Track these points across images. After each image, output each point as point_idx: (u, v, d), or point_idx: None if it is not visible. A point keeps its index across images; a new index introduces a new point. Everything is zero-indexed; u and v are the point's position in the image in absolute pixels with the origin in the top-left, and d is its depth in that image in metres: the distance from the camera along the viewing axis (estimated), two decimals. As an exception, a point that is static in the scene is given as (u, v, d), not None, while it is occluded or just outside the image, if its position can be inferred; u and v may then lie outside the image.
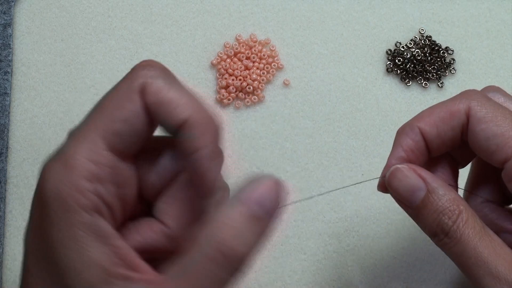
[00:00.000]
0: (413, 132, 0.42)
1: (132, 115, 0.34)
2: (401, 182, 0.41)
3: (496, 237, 0.40)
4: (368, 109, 0.59)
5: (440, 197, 0.40)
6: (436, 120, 0.41)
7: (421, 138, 0.42)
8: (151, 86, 0.34)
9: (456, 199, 0.40)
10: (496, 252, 0.39)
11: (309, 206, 0.57)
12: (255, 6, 0.62)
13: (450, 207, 0.40)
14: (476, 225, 0.40)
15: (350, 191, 0.57)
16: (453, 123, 0.41)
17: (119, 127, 0.34)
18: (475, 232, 0.39)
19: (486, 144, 0.40)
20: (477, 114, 0.40)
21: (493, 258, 0.38)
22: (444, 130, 0.41)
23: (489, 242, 0.39)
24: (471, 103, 0.41)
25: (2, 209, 0.56)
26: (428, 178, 0.41)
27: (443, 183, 0.41)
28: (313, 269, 0.55)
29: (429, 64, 0.60)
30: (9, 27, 0.59)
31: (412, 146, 0.42)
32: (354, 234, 0.56)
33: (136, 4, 0.61)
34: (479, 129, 0.40)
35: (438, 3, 0.62)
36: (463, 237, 0.39)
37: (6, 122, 0.57)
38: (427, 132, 0.42)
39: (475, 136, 0.40)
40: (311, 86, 0.60)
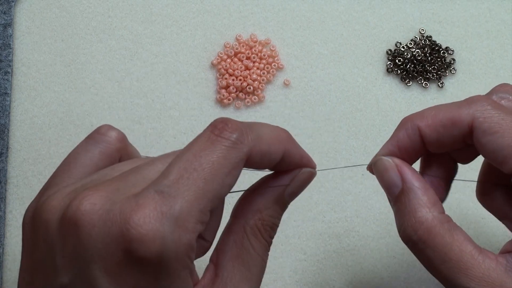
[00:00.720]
0: (412, 131, 0.42)
1: (236, 179, 0.36)
2: (381, 174, 0.42)
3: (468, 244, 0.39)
4: (368, 109, 0.59)
5: (410, 199, 0.40)
6: (438, 126, 0.41)
7: (419, 139, 0.42)
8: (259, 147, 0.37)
9: (426, 205, 0.40)
10: (466, 265, 0.38)
11: (309, 206, 0.57)
12: (255, 6, 0.62)
13: (415, 214, 0.40)
14: (445, 233, 0.39)
15: (350, 191, 0.57)
16: (454, 132, 0.41)
17: (226, 191, 0.36)
18: (444, 242, 0.39)
19: (493, 156, 0.39)
20: (482, 125, 0.39)
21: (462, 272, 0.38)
22: (445, 136, 0.41)
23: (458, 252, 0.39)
24: (476, 114, 0.40)
25: (2, 209, 0.56)
26: (407, 177, 0.41)
27: (423, 185, 0.41)
28: (313, 269, 0.55)
29: (429, 64, 0.60)
30: (9, 27, 0.59)
31: (407, 144, 0.42)
32: (354, 234, 0.56)
33: (136, 4, 0.61)
34: (485, 141, 0.39)
35: (438, 3, 0.62)
36: (427, 251, 0.39)
37: (6, 122, 0.57)
38: (427, 134, 0.41)
39: (481, 147, 0.40)
40: (311, 86, 0.60)
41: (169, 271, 0.34)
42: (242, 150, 0.36)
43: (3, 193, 0.56)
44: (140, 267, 0.33)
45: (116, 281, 0.34)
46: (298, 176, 0.41)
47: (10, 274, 0.55)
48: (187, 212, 0.34)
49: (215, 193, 0.35)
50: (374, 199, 0.57)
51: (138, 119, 0.59)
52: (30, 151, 0.57)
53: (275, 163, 0.39)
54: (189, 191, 0.34)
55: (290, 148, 0.39)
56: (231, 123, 0.36)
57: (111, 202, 0.34)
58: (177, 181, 0.34)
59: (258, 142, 0.37)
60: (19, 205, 0.56)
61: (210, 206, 0.35)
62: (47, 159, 0.57)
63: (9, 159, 0.57)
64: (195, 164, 0.35)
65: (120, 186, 0.36)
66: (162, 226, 0.33)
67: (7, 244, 0.55)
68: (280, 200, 0.40)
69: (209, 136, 0.36)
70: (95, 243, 0.34)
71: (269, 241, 0.40)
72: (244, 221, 0.39)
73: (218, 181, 0.35)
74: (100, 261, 0.33)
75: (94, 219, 0.34)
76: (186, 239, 0.34)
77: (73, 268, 0.34)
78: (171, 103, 0.59)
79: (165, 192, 0.34)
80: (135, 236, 0.33)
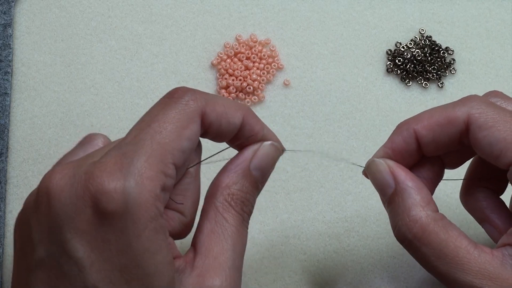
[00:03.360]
0: (408, 134, 0.42)
1: (195, 134, 0.38)
2: (374, 175, 0.43)
3: (462, 239, 0.40)
4: (368, 109, 0.59)
5: (404, 199, 0.41)
6: (434, 126, 0.41)
7: (414, 141, 0.42)
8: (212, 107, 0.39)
9: (420, 204, 0.41)
10: (462, 260, 0.39)
11: (309, 206, 0.57)
12: (255, 6, 0.62)
13: (409, 213, 0.40)
14: (439, 230, 0.40)
15: (350, 191, 0.57)
16: (451, 130, 0.41)
17: (186, 145, 0.37)
18: (439, 239, 0.40)
19: (489, 150, 0.40)
20: (478, 121, 0.40)
21: (459, 268, 0.39)
22: (441, 136, 0.41)
23: (454, 248, 0.39)
24: (471, 111, 0.41)
25: (2, 209, 0.56)
26: (400, 178, 0.42)
27: (416, 185, 0.41)
28: (313, 269, 0.55)
29: (429, 64, 0.60)
30: (9, 27, 0.59)
31: (402, 148, 0.42)
32: (354, 234, 0.56)
33: (136, 4, 0.61)
34: (481, 136, 0.40)
35: (438, 3, 0.62)
36: (423, 248, 0.40)
37: (6, 122, 0.57)
38: (423, 136, 0.42)
39: (478, 142, 0.40)
40: (311, 86, 0.60)
41: (135, 221, 0.34)
42: (195, 106, 0.38)
43: (3, 193, 0.56)
44: (107, 221, 0.34)
45: (86, 240, 0.34)
46: (261, 149, 0.41)
47: (10, 274, 0.55)
48: (146, 162, 0.35)
49: (174, 145, 0.36)
50: (374, 199, 0.57)
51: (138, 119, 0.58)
52: (30, 151, 0.57)
53: (235, 132, 0.40)
54: (146, 144, 0.36)
55: (249, 117, 0.40)
56: (182, 88, 0.39)
57: (78, 167, 0.36)
58: (135, 137, 0.36)
59: (212, 102, 0.39)
60: (19, 205, 0.56)
61: (171, 158, 0.36)
62: (47, 159, 0.57)
63: (9, 159, 0.57)
64: (150, 121, 0.37)
65: (87, 157, 0.38)
66: (124, 176, 0.34)
67: (7, 244, 0.55)
68: (247, 175, 0.41)
69: (163, 100, 0.38)
70: (63, 206, 0.35)
71: (242, 214, 0.40)
72: (214, 199, 0.40)
73: (174, 134, 0.36)
74: (70, 222, 0.34)
75: (61, 184, 0.35)
76: (149, 186, 0.34)
77: (48, 238, 0.35)
78: (171, 103, 0.59)
79: (124, 149, 0.35)
80: (98, 190, 0.34)
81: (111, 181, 0.34)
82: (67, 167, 0.36)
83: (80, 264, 0.34)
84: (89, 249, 0.34)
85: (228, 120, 0.39)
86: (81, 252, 0.34)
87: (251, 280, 0.55)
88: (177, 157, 0.36)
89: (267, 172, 0.42)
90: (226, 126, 0.39)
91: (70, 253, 0.34)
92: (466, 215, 0.58)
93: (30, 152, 0.57)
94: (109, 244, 0.34)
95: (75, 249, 0.34)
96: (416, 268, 0.55)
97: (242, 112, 0.40)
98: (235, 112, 0.39)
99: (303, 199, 0.57)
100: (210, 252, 0.38)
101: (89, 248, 0.34)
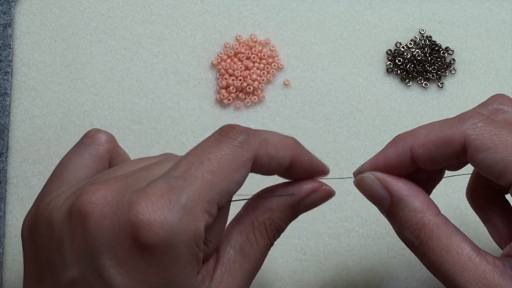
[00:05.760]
0: (403, 150, 0.41)
1: (243, 177, 0.37)
2: (366, 191, 0.43)
3: (465, 246, 0.39)
4: (368, 109, 0.59)
5: (402, 208, 0.41)
6: (430, 145, 0.41)
7: (408, 159, 0.41)
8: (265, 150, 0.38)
9: (420, 210, 0.40)
10: (463, 267, 0.39)
11: (309, 206, 0.57)
12: (255, 6, 0.62)
13: (412, 221, 0.40)
14: (442, 236, 0.40)
15: (350, 191, 0.57)
16: (447, 150, 0.40)
17: (233, 188, 0.37)
18: (441, 245, 0.39)
19: (489, 171, 0.39)
20: (475, 143, 0.39)
21: (459, 274, 0.39)
22: (437, 154, 0.41)
23: (456, 255, 0.39)
24: (467, 132, 0.40)
25: (2, 209, 0.56)
26: (394, 188, 0.41)
27: (412, 191, 0.41)
28: (313, 269, 0.55)
29: (429, 64, 0.60)
30: (9, 27, 0.59)
31: (394, 162, 0.42)
32: (354, 234, 0.56)
33: (136, 4, 0.61)
34: (479, 158, 0.39)
35: (438, 3, 0.62)
36: (428, 253, 0.40)
37: (6, 122, 0.57)
38: (420, 155, 0.41)
39: (477, 164, 0.40)
40: (311, 86, 0.60)
41: (178, 258, 0.34)
42: (248, 150, 0.37)
43: (3, 193, 0.56)
44: (149, 254, 0.34)
45: (125, 269, 0.34)
46: (319, 192, 0.41)
47: (10, 274, 0.55)
48: (194, 200, 0.35)
49: (223, 187, 0.36)
50: (374, 199, 0.57)
51: (138, 119, 0.59)
52: (30, 151, 0.57)
53: (284, 169, 0.40)
54: (197, 182, 0.35)
55: (298, 153, 0.40)
56: (238, 127, 0.38)
57: (121, 194, 0.35)
58: (185, 173, 0.35)
59: (265, 145, 0.38)
60: (19, 205, 0.56)
61: (217, 199, 0.36)
62: (47, 159, 0.57)
63: (9, 159, 0.57)
64: (203, 158, 0.36)
65: (129, 181, 0.36)
66: (170, 213, 0.34)
67: (7, 244, 0.55)
68: (294, 208, 0.41)
69: (216, 137, 0.37)
70: (104, 233, 0.34)
71: (271, 242, 0.40)
72: (255, 215, 0.40)
73: (225, 176, 0.36)
74: (109, 250, 0.34)
75: (104, 210, 0.34)
76: (194, 226, 0.34)
77: (83, 261, 0.35)
78: (171, 103, 0.59)
79: (173, 183, 0.35)
80: (142, 223, 0.33)
81: (157, 216, 0.34)
82: (108, 190, 0.35)
83: None
84: (128, 278, 0.34)
85: (278, 161, 0.39)
86: (118, 281, 0.34)
87: (251, 280, 0.55)
88: (223, 198, 0.36)
89: (310, 209, 0.42)
90: (276, 166, 0.39)
91: (106, 280, 0.34)
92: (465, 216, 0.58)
93: (30, 152, 0.57)
94: (150, 277, 0.34)
95: (113, 277, 0.34)
96: (416, 268, 0.55)
97: (291, 152, 0.39)
98: (285, 153, 0.39)
99: (303, 199, 0.57)
100: (230, 268, 0.38)
101: (127, 278, 0.34)
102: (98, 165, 0.43)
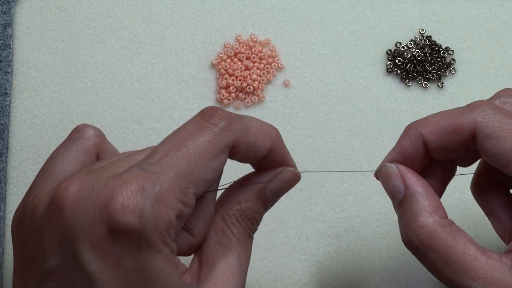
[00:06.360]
0: (416, 138, 0.42)
1: (222, 164, 0.37)
2: (385, 180, 0.43)
3: (470, 246, 0.39)
4: (368, 109, 0.59)
5: (412, 204, 0.41)
6: (440, 132, 0.41)
7: (422, 146, 0.42)
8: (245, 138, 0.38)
9: (428, 210, 0.40)
10: (469, 267, 0.39)
11: (309, 206, 0.57)
12: (255, 6, 0.62)
13: (417, 218, 0.40)
14: (447, 236, 0.40)
15: (350, 191, 0.57)
16: (457, 138, 0.41)
17: (210, 176, 0.37)
18: (446, 246, 0.39)
19: (497, 159, 0.40)
20: (484, 130, 0.40)
21: (466, 274, 0.38)
22: (447, 142, 0.41)
23: (462, 255, 0.39)
24: (477, 119, 0.40)
25: (2, 209, 0.56)
26: (410, 183, 0.42)
27: (425, 190, 0.41)
28: (313, 269, 0.55)
29: (429, 64, 0.60)
30: (9, 27, 0.59)
31: (411, 152, 0.42)
32: (354, 234, 0.56)
33: (136, 4, 0.61)
34: (488, 146, 0.40)
35: (438, 3, 0.62)
36: (431, 254, 0.40)
37: (6, 122, 0.57)
38: (430, 141, 0.41)
39: (485, 151, 0.40)
40: (311, 86, 0.60)
41: (149, 244, 0.34)
42: (228, 137, 0.37)
43: (3, 193, 0.56)
44: (122, 239, 0.34)
45: (101, 255, 0.34)
46: (281, 174, 0.41)
47: (10, 274, 0.55)
48: (167, 188, 0.35)
49: (198, 175, 0.36)
50: (374, 199, 0.57)
51: (138, 119, 0.59)
52: (30, 151, 0.57)
53: (260, 158, 0.40)
54: (172, 170, 0.35)
55: (276, 145, 0.40)
56: (220, 111, 0.37)
57: (96, 180, 0.35)
58: (161, 159, 0.35)
59: (245, 133, 0.38)
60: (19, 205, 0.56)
61: (193, 188, 0.36)
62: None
63: (9, 159, 0.57)
64: (181, 145, 0.36)
65: (107, 168, 0.37)
66: (143, 199, 0.34)
67: (7, 244, 0.55)
68: (261, 196, 0.41)
69: (198, 121, 0.37)
70: (79, 219, 0.34)
71: (248, 231, 0.40)
72: (224, 210, 0.40)
73: (201, 164, 0.36)
74: (85, 236, 0.34)
75: (79, 195, 0.35)
76: (165, 214, 0.34)
77: (60, 249, 0.35)
78: (171, 103, 0.59)
79: (148, 170, 0.35)
80: (116, 207, 0.34)
81: (131, 202, 0.34)
82: (85, 178, 0.36)
83: (92, 279, 0.34)
84: (103, 264, 0.34)
85: (255, 151, 0.39)
86: (94, 267, 0.34)
87: (251, 280, 0.55)
88: (199, 187, 0.36)
89: (280, 196, 0.42)
90: (253, 155, 0.39)
91: (83, 267, 0.34)
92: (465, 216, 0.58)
93: (30, 152, 0.57)
94: (124, 261, 0.34)
95: (88, 263, 0.34)
96: (416, 268, 0.55)
97: (271, 142, 0.39)
98: (264, 143, 0.39)
99: (303, 199, 0.57)
100: (216, 264, 0.38)
101: (103, 264, 0.34)
102: (84, 159, 0.43)
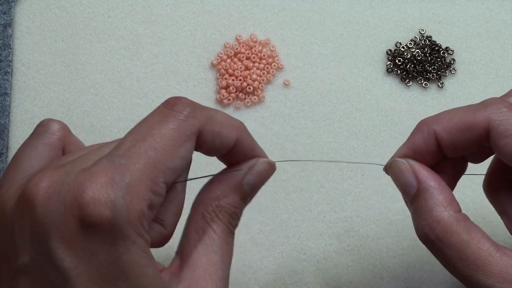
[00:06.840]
0: (428, 134, 0.42)
1: (189, 152, 0.37)
2: (396, 175, 0.43)
3: (485, 241, 0.39)
4: (368, 109, 0.59)
5: (426, 199, 0.41)
6: (453, 129, 0.41)
7: (434, 143, 0.42)
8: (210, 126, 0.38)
9: (442, 204, 0.40)
10: (484, 263, 0.38)
11: (309, 206, 0.57)
12: (255, 6, 0.62)
13: (432, 212, 0.40)
14: (462, 231, 0.39)
15: (350, 191, 0.57)
16: (470, 135, 0.40)
17: (179, 164, 0.37)
18: (461, 241, 0.39)
19: (510, 157, 0.39)
20: (498, 128, 0.39)
21: (480, 269, 0.38)
22: (460, 139, 0.41)
23: (476, 250, 0.39)
24: (491, 116, 0.40)
25: (2, 209, 0.56)
26: (423, 177, 0.41)
27: (438, 185, 0.41)
28: (313, 269, 0.55)
29: (429, 64, 0.60)
30: (9, 27, 0.59)
31: (423, 148, 0.42)
32: (354, 234, 0.56)
33: (136, 4, 0.61)
34: (502, 144, 0.39)
35: (438, 3, 0.62)
36: (446, 249, 0.40)
37: (6, 122, 0.57)
38: (443, 138, 0.41)
39: (499, 149, 0.40)
40: (311, 86, 0.60)
41: (123, 236, 0.34)
42: (193, 124, 0.37)
43: (3, 193, 0.56)
44: (95, 232, 0.34)
45: (73, 250, 0.34)
46: (256, 166, 0.41)
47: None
48: (137, 179, 0.35)
49: (167, 163, 0.36)
50: (374, 199, 0.57)
51: (138, 119, 0.58)
52: (30, 151, 0.57)
53: (228, 150, 0.40)
54: (140, 160, 0.35)
55: (243, 136, 0.40)
56: (184, 99, 0.38)
57: (66, 174, 0.35)
58: (129, 150, 0.35)
59: (210, 121, 0.38)
60: (19, 205, 0.56)
61: (163, 176, 0.36)
62: (47, 159, 0.57)
63: (9, 159, 0.57)
64: (147, 134, 0.36)
65: (76, 162, 0.37)
66: (114, 191, 0.34)
67: (7, 244, 0.55)
68: (239, 189, 0.41)
69: (162, 110, 0.37)
70: (50, 214, 0.34)
71: (229, 226, 0.40)
72: (203, 208, 0.40)
73: (169, 152, 0.36)
74: (57, 232, 0.34)
75: (49, 191, 0.35)
76: (137, 204, 0.34)
77: (33, 245, 0.35)
78: (171, 103, 0.59)
79: (116, 161, 0.35)
80: (87, 201, 0.34)
81: (101, 194, 0.34)
82: (55, 173, 0.35)
83: (66, 274, 0.34)
84: (76, 259, 0.34)
85: (222, 140, 0.39)
86: (67, 263, 0.34)
87: (251, 280, 0.55)
88: (169, 175, 0.36)
89: (258, 188, 0.42)
90: (219, 145, 0.39)
91: (56, 263, 0.34)
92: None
93: (30, 152, 0.57)
94: (98, 256, 0.34)
95: (61, 259, 0.34)
96: (416, 268, 0.55)
97: (236, 133, 0.39)
98: (230, 133, 0.39)
99: (303, 199, 0.57)
100: (198, 263, 0.38)
101: (76, 259, 0.34)
102: (50, 153, 0.43)
